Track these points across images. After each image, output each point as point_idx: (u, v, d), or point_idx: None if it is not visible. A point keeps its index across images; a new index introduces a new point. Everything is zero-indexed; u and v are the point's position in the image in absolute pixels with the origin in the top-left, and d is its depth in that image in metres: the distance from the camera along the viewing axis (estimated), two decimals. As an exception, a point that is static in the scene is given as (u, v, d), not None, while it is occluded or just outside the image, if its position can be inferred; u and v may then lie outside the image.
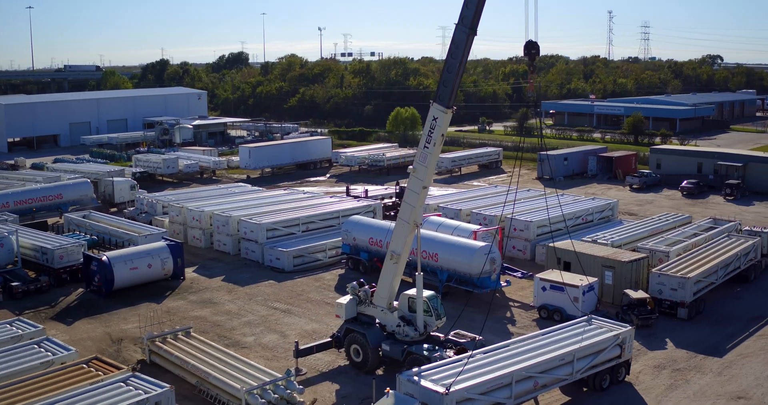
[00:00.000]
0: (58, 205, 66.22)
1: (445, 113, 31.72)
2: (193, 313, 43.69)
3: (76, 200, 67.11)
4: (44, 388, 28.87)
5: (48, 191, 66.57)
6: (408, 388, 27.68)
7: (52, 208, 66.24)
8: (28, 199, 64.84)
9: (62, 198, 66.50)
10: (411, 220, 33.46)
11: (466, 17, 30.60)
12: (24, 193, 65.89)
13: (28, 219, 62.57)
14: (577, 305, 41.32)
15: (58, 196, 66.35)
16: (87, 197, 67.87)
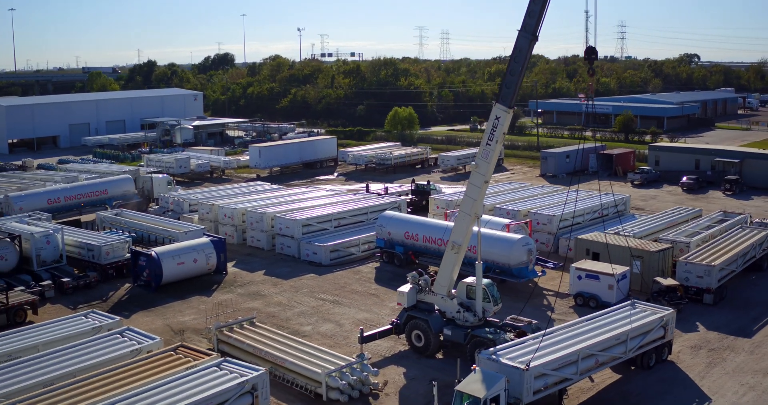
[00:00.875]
0: (103, 200, 68.61)
1: (507, 113, 34.24)
2: (245, 305, 45.73)
3: (119, 196, 69.62)
4: (142, 373, 30.58)
5: (95, 187, 69.13)
6: (488, 366, 30.09)
7: (98, 203, 68.44)
8: (77, 194, 67.39)
9: (107, 193, 69.01)
10: (472, 213, 35.89)
11: (528, 25, 33.14)
12: (73, 189, 68.28)
13: (76, 214, 64.48)
14: (612, 293, 44.09)
15: (104, 191, 69.00)
16: (129, 193, 70.52)
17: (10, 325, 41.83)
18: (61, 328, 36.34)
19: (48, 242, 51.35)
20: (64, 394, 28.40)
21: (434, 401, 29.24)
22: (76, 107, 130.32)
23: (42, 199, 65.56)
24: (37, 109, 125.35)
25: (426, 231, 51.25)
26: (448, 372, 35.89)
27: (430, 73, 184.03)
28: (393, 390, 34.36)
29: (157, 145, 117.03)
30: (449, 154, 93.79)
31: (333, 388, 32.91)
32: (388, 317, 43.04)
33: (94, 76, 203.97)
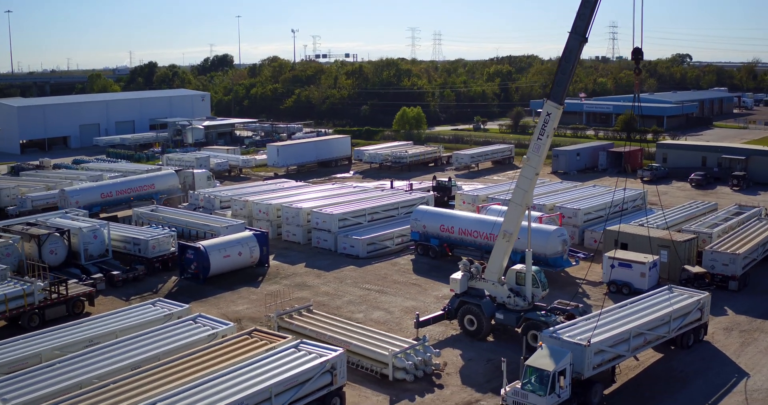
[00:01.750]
0: (151, 194, 71.33)
1: (557, 109, 36.63)
2: (294, 295, 47.80)
3: (165, 190, 72.30)
4: (225, 355, 32.45)
5: (143, 182, 71.73)
6: (551, 343, 32.44)
7: (146, 197, 71.03)
8: (127, 188, 70.13)
9: (155, 188, 71.70)
10: (523, 203, 38.25)
11: (579, 27, 35.52)
12: (123, 183, 71.09)
13: (125, 207, 66.66)
14: (644, 280, 46.58)
15: (151, 185, 71.64)
16: (174, 187, 73.25)
17: (69, 315, 43.85)
18: (134, 315, 38.28)
19: (95, 237, 53.28)
20: (154, 375, 30.24)
21: (504, 377, 31.59)
22: (87, 108, 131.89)
23: (96, 193, 68.46)
24: (49, 109, 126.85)
25: (462, 224, 53.55)
26: (500, 353, 38.27)
27: (430, 74, 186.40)
28: (453, 370, 36.63)
29: (168, 145, 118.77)
30: (463, 152, 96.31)
31: (399, 369, 35.10)
32: (433, 305, 45.39)
33: (94, 78, 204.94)
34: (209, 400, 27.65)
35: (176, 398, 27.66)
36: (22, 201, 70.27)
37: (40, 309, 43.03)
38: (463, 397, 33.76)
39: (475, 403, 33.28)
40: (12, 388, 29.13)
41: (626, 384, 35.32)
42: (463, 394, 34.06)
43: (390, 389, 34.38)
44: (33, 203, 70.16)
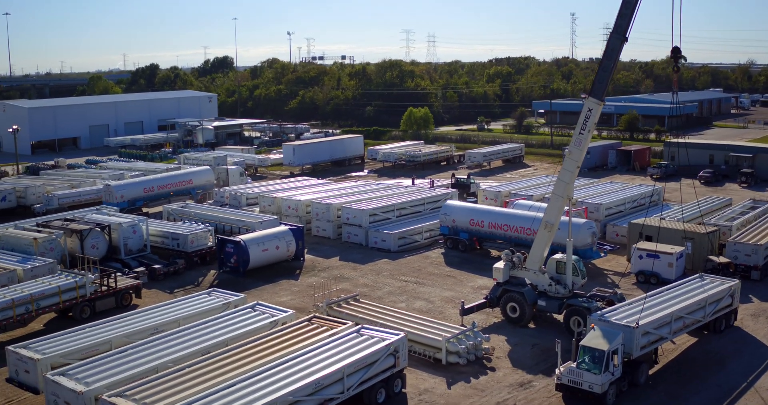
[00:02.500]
0: (189, 189, 73.69)
1: (598, 105, 38.52)
2: (335, 286, 49.43)
3: (201, 185, 74.62)
4: (291, 340, 33.88)
5: (181, 177, 74.37)
6: (602, 325, 34.24)
7: (184, 192, 73.43)
8: (167, 184, 72.45)
9: (192, 183, 74.05)
10: (565, 195, 40.09)
11: (620, 27, 37.45)
12: (164, 179, 73.52)
13: (165, 202, 68.97)
14: (672, 270, 48.51)
15: (189, 181, 74.07)
16: (210, 183, 75.68)
17: (117, 307, 45.28)
18: (194, 304, 39.69)
19: (134, 232, 54.79)
20: (226, 359, 31.66)
21: (558, 357, 33.42)
22: (96, 109, 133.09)
23: (139, 188, 70.84)
24: (59, 110, 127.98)
25: (491, 218, 55.36)
26: (542, 338, 40.25)
27: (431, 75, 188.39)
28: (501, 354, 38.38)
29: (180, 145, 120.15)
30: (476, 151, 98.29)
31: (452, 353, 36.80)
32: (471, 295, 47.17)
33: (95, 80, 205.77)
34: (287, 380, 29.19)
35: (256, 379, 29.20)
36: (49, 199, 71.59)
37: (90, 301, 44.39)
38: (516, 379, 35.52)
39: (527, 384, 35.03)
40: (91, 373, 30.43)
41: (667, 365, 37.18)
42: (515, 376, 35.82)
43: (445, 372, 36.08)
44: (59, 201, 71.51)
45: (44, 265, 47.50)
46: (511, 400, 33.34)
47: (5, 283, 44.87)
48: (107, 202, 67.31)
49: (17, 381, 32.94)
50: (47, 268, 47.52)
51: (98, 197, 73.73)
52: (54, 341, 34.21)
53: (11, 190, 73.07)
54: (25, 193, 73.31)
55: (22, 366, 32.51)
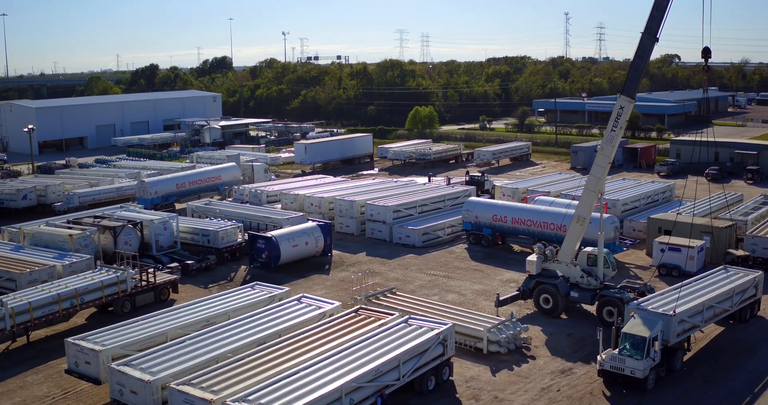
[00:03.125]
0: (217, 185, 76.00)
1: (630, 103, 39.93)
2: (368, 280, 50.66)
3: (229, 181, 76.58)
4: (342, 330, 34.98)
5: (211, 174, 76.77)
6: (638, 313, 35.68)
7: (213, 188, 75.62)
8: (198, 180, 74.89)
9: (221, 179, 76.26)
10: (596, 190, 41.50)
11: (651, 28, 38.84)
12: (194, 175, 76.28)
13: (195, 198, 71.30)
14: (693, 263, 50.03)
15: (217, 177, 76.38)
16: (236, 179, 77.78)
17: (156, 302, 46.40)
18: (240, 297, 40.79)
19: (165, 228, 55.90)
20: (283, 349, 32.78)
21: (599, 345, 34.84)
22: (102, 109, 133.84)
23: (172, 184, 72.98)
24: (66, 110, 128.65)
25: (515, 214, 56.74)
26: (576, 327, 41.72)
27: (431, 75, 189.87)
28: (539, 343, 39.74)
29: (188, 144, 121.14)
30: (485, 149, 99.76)
31: (493, 342, 38.11)
32: (500, 288, 48.53)
33: (94, 80, 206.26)
34: (348, 368, 30.41)
35: (317, 366, 30.42)
36: (69, 197, 72.47)
37: (131, 296, 45.42)
38: (557, 366, 36.90)
39: (568, 370, 36.43)
40: (154, 363, 31.48)
41: (699, 352, 38.65)
42: (556, 364, 37.20)
43: (487, 361, 37.39)
44: (80, 199, 72.44)
45: (82, 261, 48.56)
46: (555, 386, 34.70)
47: (45, 279, 45.96)
48: (141, 198, 69.31)
49: (77, 372, 33.91)
50: (85, 263, 48.60)
51: (117, 195, 74.98)
52: (111, 333, 35.19)
53: (32, 189, 73.92)
54: (45, 192, 74.16)
55: (82, 357, 33.47)
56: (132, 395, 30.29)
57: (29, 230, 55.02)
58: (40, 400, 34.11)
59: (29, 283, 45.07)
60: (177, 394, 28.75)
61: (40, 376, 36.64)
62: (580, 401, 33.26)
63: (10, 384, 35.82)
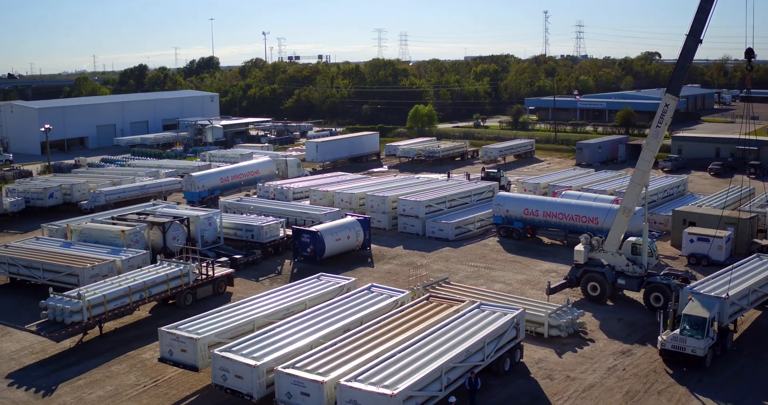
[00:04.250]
0: (256, 179, 79.10)
1: (675, 100, 42.60)
2: (412, 272, 52.67)
3: (265, 176, 79.95)
4: (421, 316, 36.82)
5: (250, 168, 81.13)
6: (695, 297, 38.10)
7: (252, 182, 78.78)
8: (239, 174, 79.55)
9: (259, 173, 79.83)
10: (642, 183, 44.01)
11: (696, 30, 41.47)
12: (235, 169, 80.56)
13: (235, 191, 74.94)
14: (721, 252, 52.78)
15: (256, 172, 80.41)
16: (272, 173, 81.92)
17: (214, 295, 48.04)
18: (312, 287, 42.40)
19: (210, 224, 57.55)
20: (371, 334, 34.40)
21: (660, 326, 37.31)
22: (103, 109, 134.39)
23: (216, 178, 76.96)
24: (68, 111, 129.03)
25: (547, 207, 59.17)
26: (623, 313, 44.18)
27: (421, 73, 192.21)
28: (593, 328, 42.10)
29: (191, 144, 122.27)
30: (492, 146, 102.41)
31: (553, 327, 40.40)
32: (541, 277, 50.88)
33: (81, 81, 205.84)
34: (441, 349, 32.36)
35: (411, 349, 32.36)
36: (96, 196, 73.61)
37: (192, 289, 47.07)
38: (616, 348, 39.27)
39: (627, 352, 38.81)
40: (254, 349, 32.86)
41: (744, 333, 41.28)
42: (614, 346, 39.57)
43: (551, 344, 39.64)
44: (106, 198, 73.66)
45: (138, 256, 50.07)
46: (619, 365, 37.07)
47: (106, 273, 47.44)
48: (188, 191, 73.35)
49: (171, 360, 35.37)
50: (141, 258, 50.12)
51: (141, 193, 76.46)
52: (200, 323, 36.49)
53: (57, 188, 74.87)
54: (71, 191, 75.18)
55: (177, 346, 34.95)
56: (237, 380, 31.80)
57: (77, 227, 56.26)
58: (132, 388, 35.55)
59: (91, 277, 46.45)
60: (285, 376, 30.44)
61: (124, 366, 38.08)
62: (646, 378, 35.63)
63: (96, 374, 37.23)
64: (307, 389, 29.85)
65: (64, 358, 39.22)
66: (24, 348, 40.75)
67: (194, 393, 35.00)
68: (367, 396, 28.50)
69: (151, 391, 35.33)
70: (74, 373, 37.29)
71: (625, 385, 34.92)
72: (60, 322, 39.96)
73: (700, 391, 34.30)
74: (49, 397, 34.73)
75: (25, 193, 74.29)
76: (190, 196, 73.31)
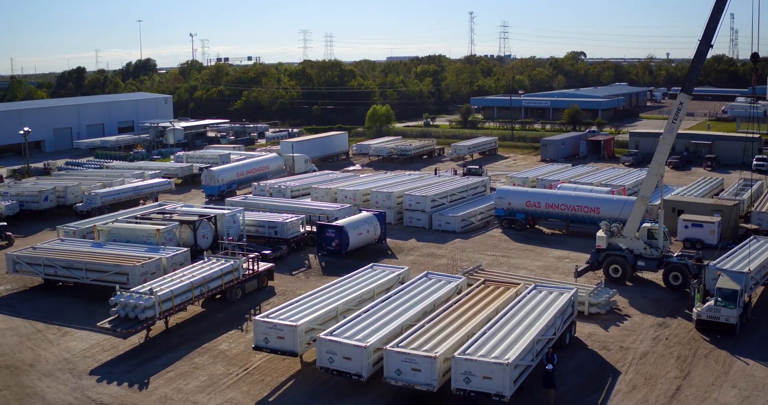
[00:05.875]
0: (266, 174, 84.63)
1: (689, 98, 47.48)
2: (435, 262, 56.14)
3: (274, 170, 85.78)
4: (489, 298, 40.32)
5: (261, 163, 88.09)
6: (714, 275, 43.03)
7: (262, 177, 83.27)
8: (252, 169, 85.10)
9: (269, 168, 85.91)
10: (658, 173, 48.73)
11: (708, 36, 46.37)
12: (249, 164, 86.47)
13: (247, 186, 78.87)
14: (714, 236, 58.23)
15: (266, 167, 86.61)
16: (280, 168, 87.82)
17: (258, 289, 50.25)
18: (372, 277, 44.68)
19: (234, 222, 59.65)
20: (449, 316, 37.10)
21: (694, 300, 42.05)
22: (60, 112, 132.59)
23: (233, 172, 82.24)
24: (24, 114, 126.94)
25: (549, 199, 63.64)
26: (645, 291, 48.69)
27: (365, 74, 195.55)
28: (623, 306, 46.49)
29: (154, 146, 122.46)
30: (461, 144, 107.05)
31: (593, 305, 44.62)
32: (557, 263, 55.21)
33: (15, 85, 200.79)
34: (524, 324, 35.66)
35: (498, 325, 35.60)
36: (91, 198, 74.23)
37: (241, 283, 49.33)
38: (652, 321, 43.74)
39: (663, 324, 43.30)
40: (353, 333, 35.26)
41: (756, 305, 46.34)
42: (650, 320, 44.07)
43: (593, 320, 43.74)
44: (102, 200, 74.45)
45: (180, 253, 51.92)
46: (662, 335, 41.54)
47: (154, 271, 49.21)
48: (207, 185, 78.89)
49: (267, 348, 37.33)
50: (183, 256, 51.98)
51: (135, 195, 77.62)
52: (286, 312, 38.56)
53: (51, 191, 75.12)
54: (65, 193, 75.49)
55: (274, 334, 36.90)
56: (345, 361, 34.18)
57: (104, 227, 57.35)
58: (225, 377, 37.29)
59: (141, 275, 48.11)
60: (395, 355, 33.23)
61: (206, 358, 39.69)
62: (689, 345, 40.18)
63: (182, 366, 38.62)
64: (418, 365, 32.78)
65: (141, 354, 40.56)
66: (93, 345, 41.76)
67: (289, 378, 37.09)
68: (483, 366, 31.84)
69: (246, 378, 37.18)
70: (159, 367, 38.61)
71: (674, 352, 39.34)
72: (132, 319, 41.40)
73: (739, 353, 38.97)
74: (147, 390, 36.03)
75: (19, 196, 74.18)
76: (209, 190, 78.43)
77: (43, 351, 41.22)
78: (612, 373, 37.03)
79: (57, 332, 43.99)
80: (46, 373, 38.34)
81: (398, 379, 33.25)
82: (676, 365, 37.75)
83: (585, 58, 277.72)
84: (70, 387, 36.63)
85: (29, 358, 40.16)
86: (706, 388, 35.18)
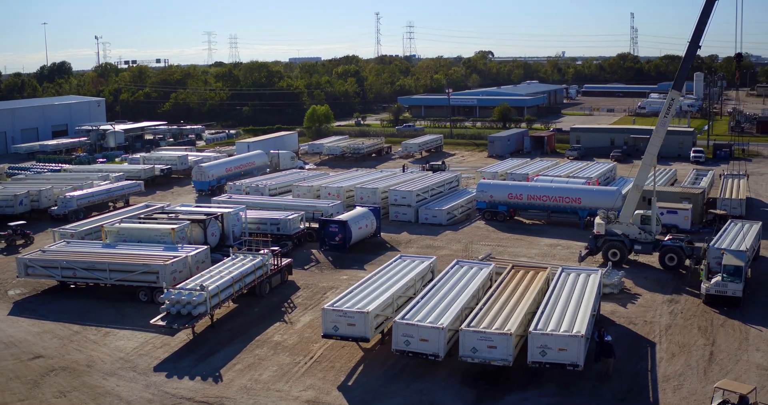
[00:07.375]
0: (252, 170, 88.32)
1: (679, 95, 52.46)
2: (441, 252, 59.03)
3: (259, 166, 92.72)
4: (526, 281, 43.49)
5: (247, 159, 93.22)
6: (716, 254, 47.99)
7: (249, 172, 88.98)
8: (239, 165, 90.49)
9: (255, 165, 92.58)
10: (651, 164, 53.47)
11: (697, 37, 51.36)
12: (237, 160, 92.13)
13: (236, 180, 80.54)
14: (687, 221, 63.65)
15: (252, 163, 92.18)
16: (265, 164, 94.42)
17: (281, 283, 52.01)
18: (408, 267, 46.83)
19: (238, 219, 61.01)
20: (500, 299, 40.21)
21: (703, 277, 46.82)
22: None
23: (222, 168, 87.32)
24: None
25: (530, 191, 67.72)
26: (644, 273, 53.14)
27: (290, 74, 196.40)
28: (629, 286, 50.83)
29: (96, 149, 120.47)
30: (411, 141, 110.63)
31: (607, 285, 48.74)
32: (552, 250, 59.28)
33: None
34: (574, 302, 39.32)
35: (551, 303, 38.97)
36: (67, 201, 73.56)
37: (269, 278, 50.99)
38: (661, 299, 48.18)
39: (673, 300, 47.78)
40: (422, 316, 37.73)
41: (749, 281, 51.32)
42: (659, 297, 48.54)
43: (609, 299, 47.86)
44: (78, 202, 73.93)
45: (202, 251, 53.09)
46: (676, 309, 46.05)
47: (182, 269, 50.31)
48: (198, 181, 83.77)
49: (337, 335, 39.08)
50: (204, 254, 53.15)
51: (108, 197, 77.43)
52: (348, 300, 40.66)
53: (26, 194, 73.97)
54: (39, 197, 74.52)
55: (344, 321, 38.66)
56: (422, 343, 36.40)
57: (111, 228, 57.46)
58: (295, 366, 38.72)
59: (171, 273, 49.15)
60: (471, 334, 35.88)
61: (265, 349, 40.95)
62: (703, 316, 44.82)
63: (246, 359, 39.74)
64: (494, 342, 35.60)
65: (198, 349, 41.29)
66: (143, 344, 42.27)
67: (357, 363, 38.98)
68: (558, 339, 35.15)
69: (316, 366, 38.72)
70: (222, 360, 39.58)
71: (694, 323, 43.86)
72: (186, 315, 42.45)
73: (750, 322, 43.82)
74: (223, 383, 36.98)
75: (-4, 201, 72.81)
76: (200, 185, 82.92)
77: (93, 351, 41.58)
78: (648, 344, 41.06)
79: (97, 333, 44.26)
80: (109, 372, 38.80)
81: (474, 357, 35.89)
82: (701, 334, 42.17)
83: (493, 57, 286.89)
84: (141, 384, 37.21)
85: (82, 359, 40.44)
86: (735, 352, 39.68)
